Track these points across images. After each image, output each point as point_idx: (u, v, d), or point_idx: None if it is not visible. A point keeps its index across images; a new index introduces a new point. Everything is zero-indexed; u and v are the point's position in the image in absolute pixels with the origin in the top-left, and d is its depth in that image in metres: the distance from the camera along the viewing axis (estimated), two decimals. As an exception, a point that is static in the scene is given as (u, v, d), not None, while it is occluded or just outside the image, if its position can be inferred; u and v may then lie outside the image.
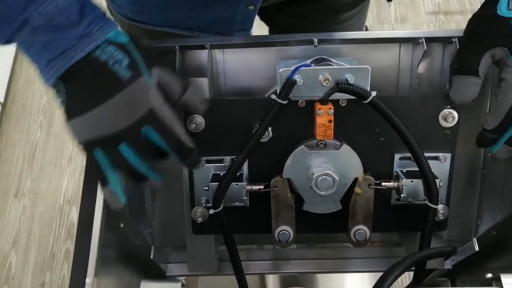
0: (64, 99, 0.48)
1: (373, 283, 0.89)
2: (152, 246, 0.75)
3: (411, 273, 0.64)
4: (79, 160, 1.84)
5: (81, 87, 0.47)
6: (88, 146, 0.48)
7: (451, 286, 0.81)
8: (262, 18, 0.96)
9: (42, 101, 2.00)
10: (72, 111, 0.47)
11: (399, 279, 0.56)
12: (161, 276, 0.82)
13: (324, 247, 0.82)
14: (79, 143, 0.49)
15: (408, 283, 0.68)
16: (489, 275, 0.61)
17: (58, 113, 1.97)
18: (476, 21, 0.56)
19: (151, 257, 0.75)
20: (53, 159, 1.86)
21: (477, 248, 0.73)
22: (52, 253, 1.67)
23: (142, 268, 0.75)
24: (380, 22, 2.11)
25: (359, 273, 0.92)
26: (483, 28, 0.55)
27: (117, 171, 0.49)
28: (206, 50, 0.62)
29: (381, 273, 0.99)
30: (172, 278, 0.79)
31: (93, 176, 0.57)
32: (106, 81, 0.46)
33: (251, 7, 0.71)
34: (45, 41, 0.45)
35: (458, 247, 0.72)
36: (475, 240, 0.73)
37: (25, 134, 1.92)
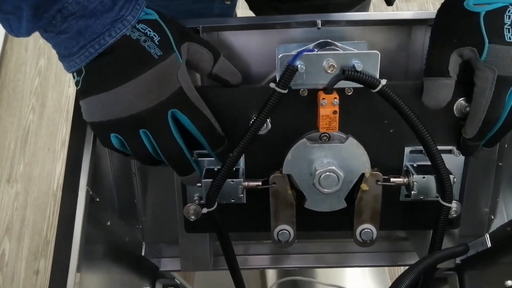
0: (84, 76, 0.46)
1: (375, 278, 0.85)
2: (144, 243, 0.71)
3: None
4: (73, 144, 1.79)
5: (109, 64, 0.46)
6: (105, 129, 0.47)
7: (459, 281, 0.77)
8: (251, 9, 0.91)
9: (34, 84, 1.94)
10: (93, 88, 0.46)
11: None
12: (154, 271, 0.78)
13: (326, 241, 0.79)
14: (94, 126, 0.48)
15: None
16: (509, 283, 0.57)
17: (51, 96, 1.92)
18: (443, 14, 0.50)
19: (143, 254, 0.71)
20: (46, 143, 1.81)
21: (489, 244, 0.69)
22: (46, 240, 1.63)
23: (134, 263, 0.71)
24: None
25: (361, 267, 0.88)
26: (450, 24, 0.49)
27: (133, 156, 0.49)
28: (199, 33, 0.56)
29: (384, 268, 0.95)
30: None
31: (73, 172, 0.52)
32: (137, 57, 0.46)
33: (228, 2, 0.68)
34: (78, 28, 0.44)
35: (468, 242, 0.68)
36: (487, 235, 0.69)
37: (16, 118, 1.87)
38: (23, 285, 1.57)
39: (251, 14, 0.93)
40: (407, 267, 0.49)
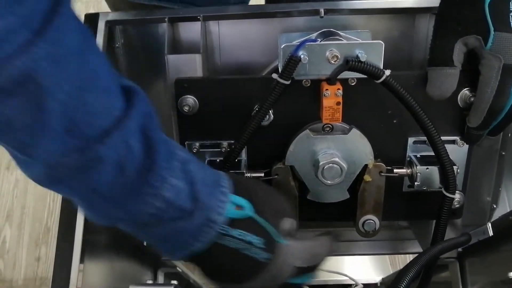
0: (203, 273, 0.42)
1: (375, 265, 0.85)
2: (145, 233, 0.71)
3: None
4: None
5: (213, 268, 0.42)
6: None
7: (460, 268, 0.77)
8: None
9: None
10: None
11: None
12: (155, 260, 0.78)
13: (327, 229, 0.79)
14: None
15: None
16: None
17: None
18: (447, 2, 0.49)
19: (144, 243, 0.71)
20: (45, 130, 1.80)
21: (491, 233, 0.69)
22: (46, 227, 1.64)
23: (135, 253, 0.71)
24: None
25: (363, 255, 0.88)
26: (454, 12, 0.48)
27: None
28: (199, 22, 0.55)
29: (386, 256, 0.95)
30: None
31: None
32: (241, 265, 0.40)
33: None
34: (159, 237, 0.39)
35: (470, 230, 0.68)
36: (489, 224, 0.69)
37: (15, 104, 1.86)
38: (24, 272, 1.57)
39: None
40: (408, 255, 0.49)
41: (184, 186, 0.37)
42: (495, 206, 0.68)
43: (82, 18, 0.55)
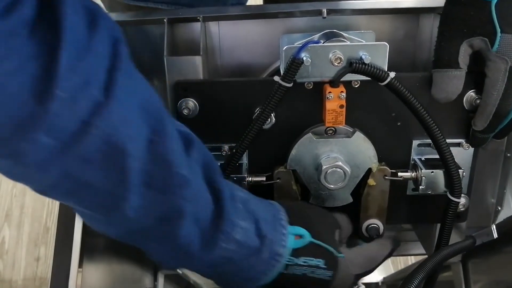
0: None
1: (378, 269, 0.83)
2: (145, 236, 0.70)
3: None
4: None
5: None
6: None
7: (463, 269, 0.77)
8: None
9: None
10: None
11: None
12: (156, 263, 0.77)
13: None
14: None
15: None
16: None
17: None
18: (452, 3, 0.48)
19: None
20: (44, 129, 1.79)
21: (495, 235, 0.68)
22: (46, 227, 1.63)
23: (135, 254, 0.71)
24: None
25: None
26: (460, 13, 0.47)
27: None
28: (199, 23, 0.54)
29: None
30: None
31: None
32: (312, 285, 0.44)
33: None
34: (228, 275, 0.42)
35: (474, 232, 0.68)
36: (493, 226, 0.68)
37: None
38: (24, 272, 1.57)
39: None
40: (411, 257, 0.49)
41: (250, 226, 0.40)
42: (500, 208, 0.68)
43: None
